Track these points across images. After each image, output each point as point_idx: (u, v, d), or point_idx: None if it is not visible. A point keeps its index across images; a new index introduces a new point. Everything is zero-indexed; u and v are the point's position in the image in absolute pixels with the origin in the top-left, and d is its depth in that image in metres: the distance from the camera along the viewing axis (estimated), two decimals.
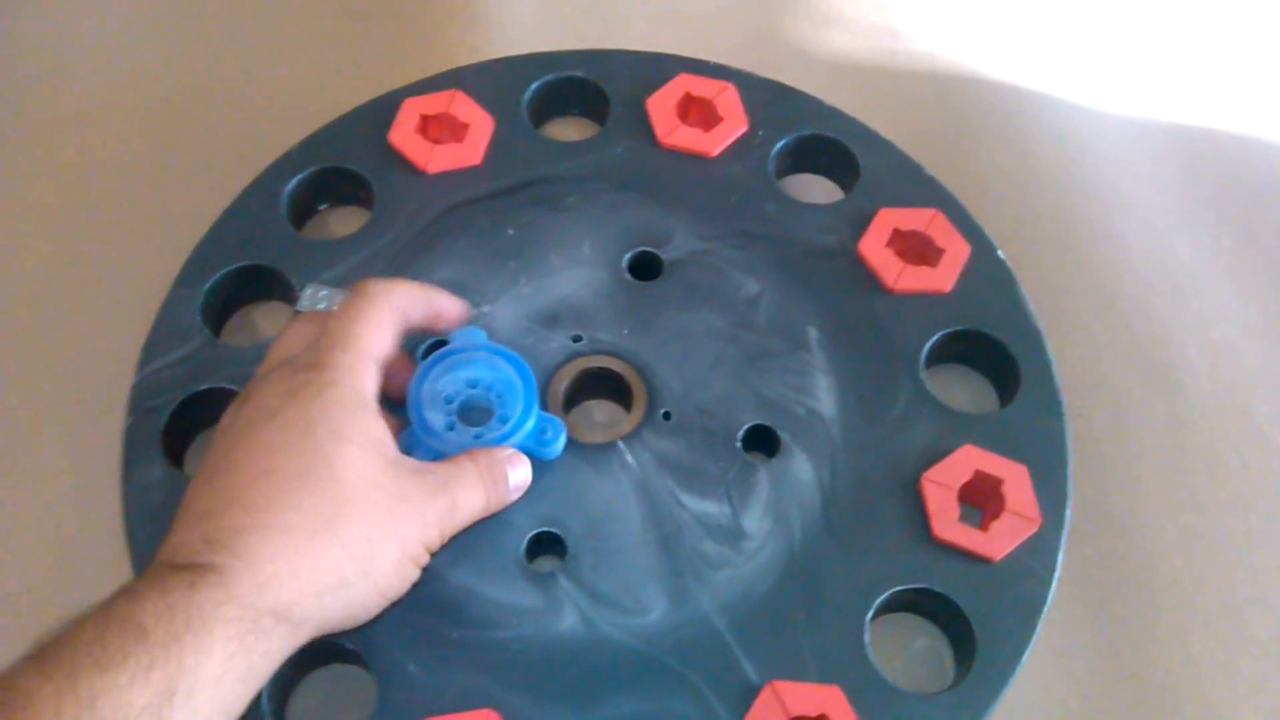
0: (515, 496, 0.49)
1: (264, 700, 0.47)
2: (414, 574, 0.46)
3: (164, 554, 0.42)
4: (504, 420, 0.50)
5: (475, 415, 0.51)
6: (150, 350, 0.55)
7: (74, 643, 0.37)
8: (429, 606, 0.49)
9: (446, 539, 0.47)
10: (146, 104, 0.68)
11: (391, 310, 0.48)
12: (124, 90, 0.69)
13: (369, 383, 0.46)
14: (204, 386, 0.54)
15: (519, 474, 0.49)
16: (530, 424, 0.50)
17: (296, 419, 0.43)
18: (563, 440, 0.52)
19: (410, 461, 0.46)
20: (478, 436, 0.49)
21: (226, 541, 0.41)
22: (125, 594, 0.39)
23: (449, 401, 0.50)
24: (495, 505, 0.48)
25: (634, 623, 0.49)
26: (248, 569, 0.40)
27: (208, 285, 0.56)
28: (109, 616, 0.38)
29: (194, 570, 0.40)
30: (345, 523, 0.43)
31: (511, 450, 0.49)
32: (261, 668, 0.41)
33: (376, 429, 0.45)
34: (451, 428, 0.49)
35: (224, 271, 0.57)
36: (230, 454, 0.43)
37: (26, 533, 0.55)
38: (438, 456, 0.49)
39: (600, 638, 0.49)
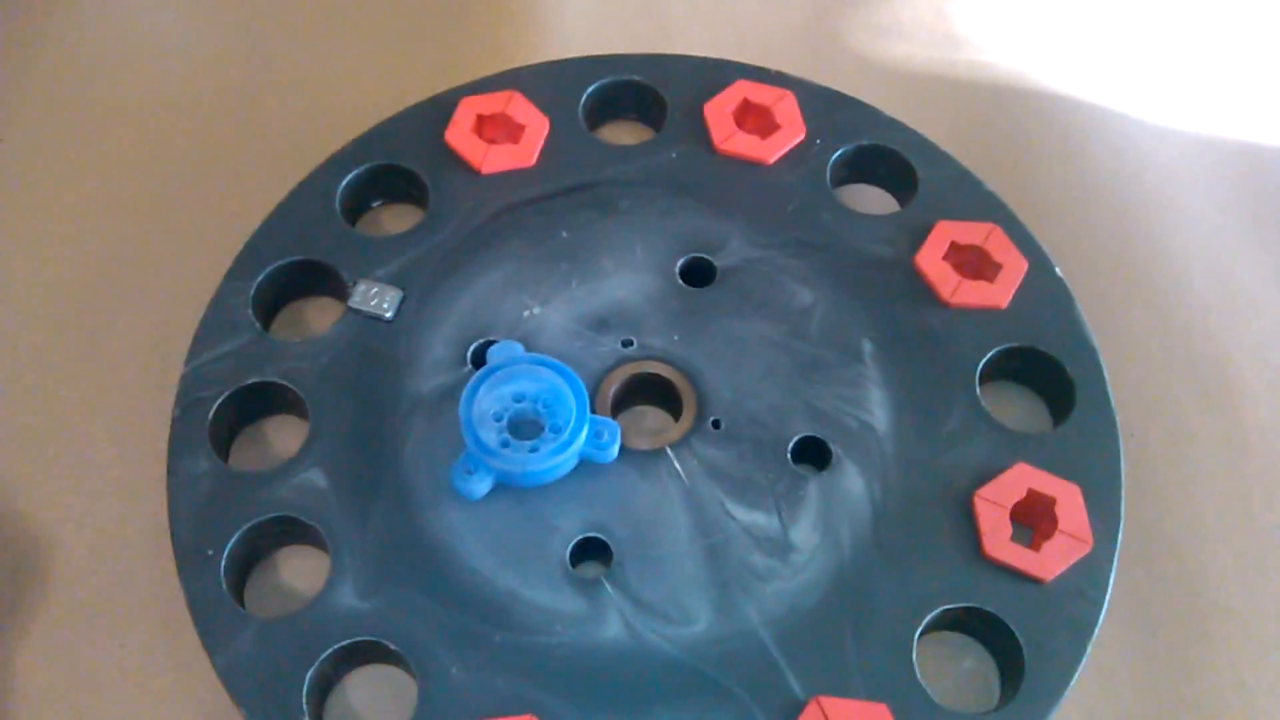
0: None
1: (302, 699, 0.47)
2: None
3: None
4: (557, 430, 0.49)
5: (527, 429, 0.50)
6: (200, 343, 0.54)
7: None
8: (474, 609, 0.49)
9: None
10: (204, 98, 0.68)
11: None
12: (181, 85, 0.69)
13: None
14: (252, 380, 0.54)
15: None
16: (584, 431, 0.50)
17: None
18: (618, 443, 0.51)
19: None
20: (534, 450, 0.49)
21: None
22: None
23: (498, 419, 0.50)
24: None
25: (679, 633, 0.48)
26: None
27: (259, 279, 0.56)
28: None
29: None
30: None
31: None
32: None
33: None
34: (506, 444, 0.49)
35: (276, 265, 0.57)
36: None
37: (71, 521, 0.55)
38: (499, 476, 0.50)
39: (644, 647, 0.48)
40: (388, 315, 0.55)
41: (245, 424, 0.55)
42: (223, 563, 0.49)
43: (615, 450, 0.51)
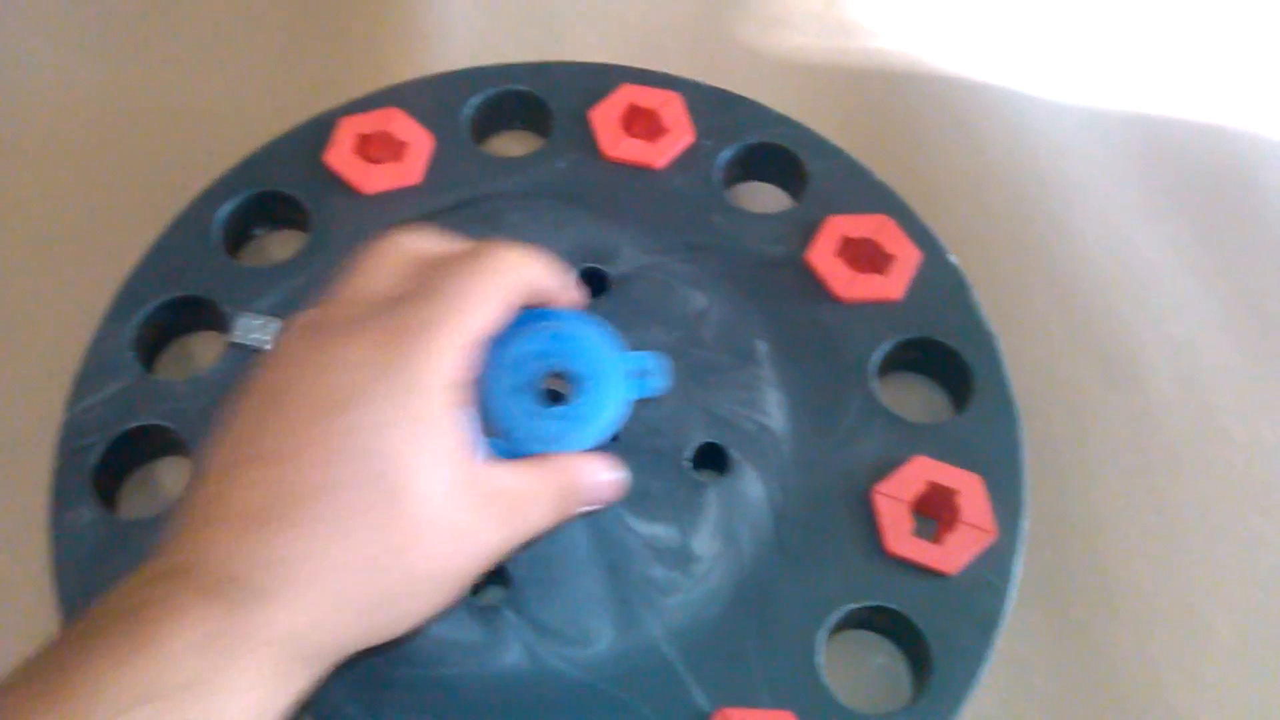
0: (592, 506, 0.45)
1: None
2: (439, 611, 0.40)
3: (199, 548, 0.37)
4: (586, 391, 0.45)
5: (555, 391, 0.46)
6: (80, 388, 0.53)
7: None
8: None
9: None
10: (72, 131, 0.66)
11: (519, 292, 0.43)
12: (47, 117, 0.67)
13: (464, 376, 0.40)
14: (135, 424, 0.52)
15: (602, 480, 0.45)
16: (619, 395, 0.45)
17: (374, 423, 0.37)
18: (668, 370, 0.48)
19: (484, 479, 0.40)
20: (562, 417, 0.44)
21: (275, 568, 0.36)
22: (158, 604, 0.35)
23: (519, 387, 0.44)
24: (563, 518, 0.44)
25: (580, 654, 0.48)
26: (290, 607, 0.36)
27: (139, 318, 0.55)
28: (137, 638, 0.34)
29: (233, 594, 0.36)
30: (397, 573, 0.38)
31: (597, 461, 0.44)
32: (274, 712, 0.37)
33: (457, 441, 0.39)
34: (532, 415, 0.44)
35: (156, 303, 0.55)
36: (290, 433, 0.38)
37: None
38: (513, 452, 0.44)
39: (546, 671, 0.47)
40: (270, 348, 0.54)
41: (132, 469, 0.54)
42: None
43: (668, 381, 0.48)
